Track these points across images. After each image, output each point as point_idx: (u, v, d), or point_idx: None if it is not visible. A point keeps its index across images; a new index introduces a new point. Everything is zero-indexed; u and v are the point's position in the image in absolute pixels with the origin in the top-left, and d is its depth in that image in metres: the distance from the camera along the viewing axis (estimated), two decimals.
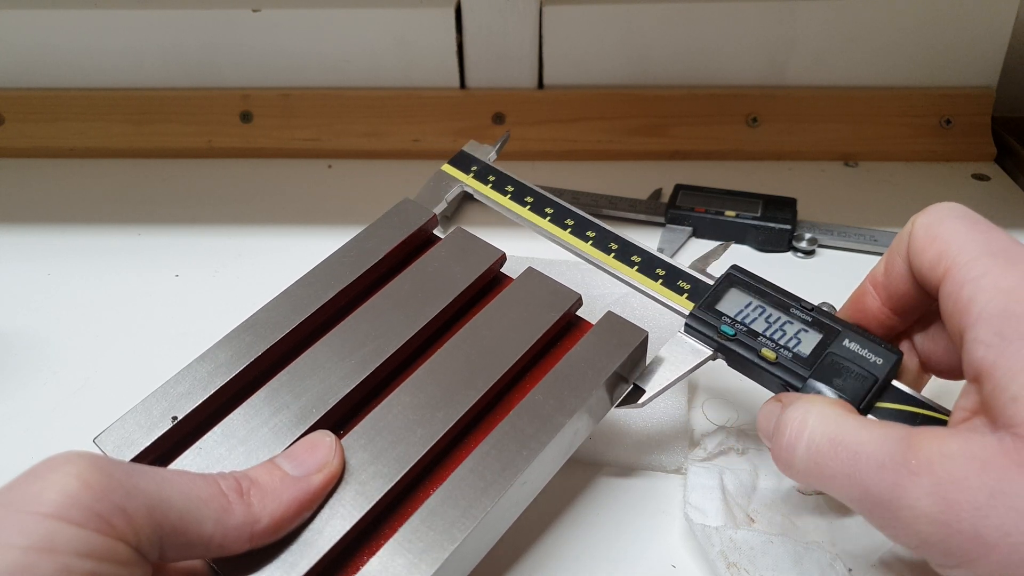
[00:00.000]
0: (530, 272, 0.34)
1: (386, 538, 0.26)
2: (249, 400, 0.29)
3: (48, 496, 0.21)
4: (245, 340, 0.31)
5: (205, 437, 0.28)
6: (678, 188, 0.55)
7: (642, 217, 0.54)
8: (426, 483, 0.28)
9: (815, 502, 0.34)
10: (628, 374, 0.32)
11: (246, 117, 0.63)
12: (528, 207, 0.38)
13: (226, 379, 0.30)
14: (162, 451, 0.29)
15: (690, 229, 0.52)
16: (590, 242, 0.36)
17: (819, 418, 0.26)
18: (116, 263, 0.52)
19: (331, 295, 0.33)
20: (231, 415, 0.29)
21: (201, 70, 0.63)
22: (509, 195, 0.38)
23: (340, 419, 0.30)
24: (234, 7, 0.60)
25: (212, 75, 0.63)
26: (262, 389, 0.30)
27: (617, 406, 0.32)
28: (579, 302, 0.33)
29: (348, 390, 0.30)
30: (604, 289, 0.45)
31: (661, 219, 0.53)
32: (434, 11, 0.60)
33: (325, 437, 0.27)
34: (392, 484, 0.27)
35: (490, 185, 0.38)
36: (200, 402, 0.29)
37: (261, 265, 0.51)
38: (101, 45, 0.62)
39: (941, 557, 0.22)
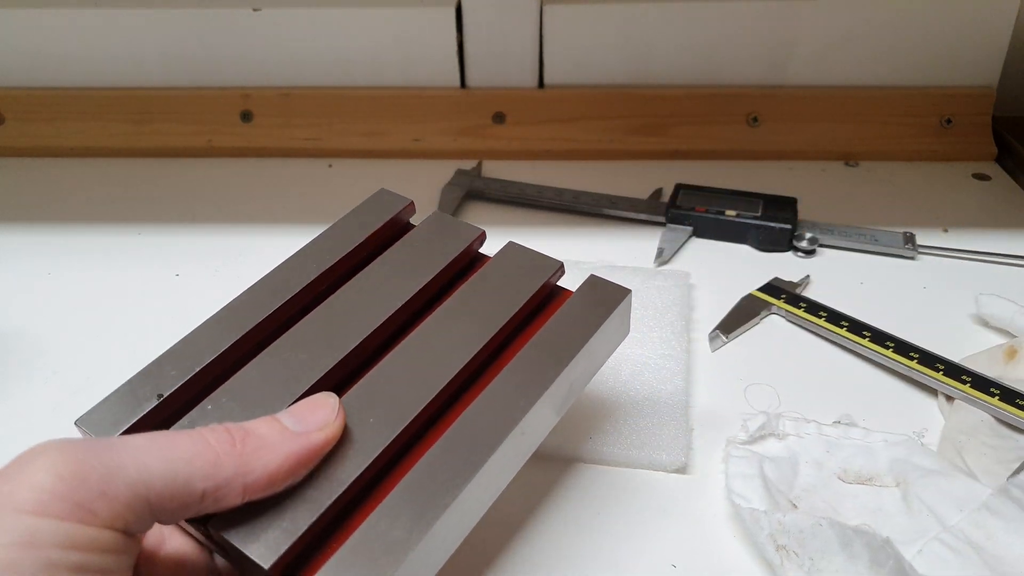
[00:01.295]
0: (511, 245, 0.35)
1: (387, 491, 0.26)
2: (237, 374, 0.29)
3: (23, 495, 0.20)
4: (228, 321, 0.31)
5: (196, 409, 0.28)
6: (678, 188, 0.55)
7: (643, 217, 0.54)
8: (425, 438, 0.28)
9: (855, 489, 0.34)
10: (618, 326, 0.33)
11: (246, 116, 0.63)
12: (845, 328, 0.43)
13: (212, 357, 0.30)
14: (148, 430, 0.28)
15: (690, 229, 0.52)
16: (915, 361, 0.40)
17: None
18: (116, 262, 0.52)
19: (312, 278, 0.33)
20: (220, 388, 0.29)
21: (201, 69, 0.63)
22: (823, 318, 0.44)
23: (334, 387, 0.30)
24: (234, 6, 0.60)
25: (212, 74, 0.63)
26: (249, 364, 0.30)
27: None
28: (561, 270, 0.34)
29: (339, 359, 0.30)
30: None
31: (662, 218, 0.53)
32: (434, 10, 0.60)
33: (328, 398, 0.27)
34: (391, 440, 0.27)
35: (803, 309, 0.45)
36: (187, 379, 0.29)
37: (261, 264, 0.50)
38: (101, 44, 0.62)
39: None
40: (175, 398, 0.28)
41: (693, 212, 0.52)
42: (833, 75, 0.61)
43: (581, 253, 0.49)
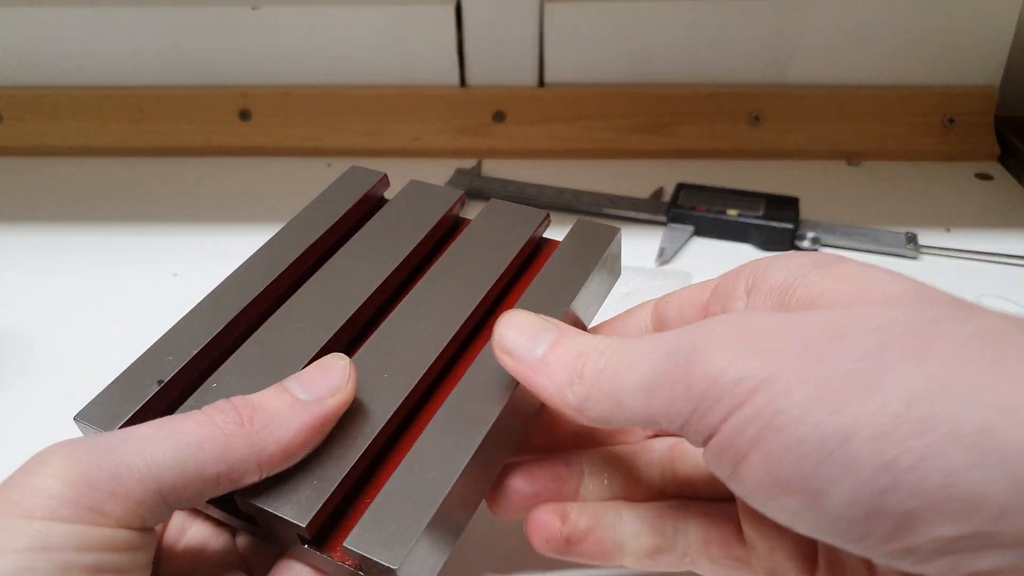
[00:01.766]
0: (493, 203, 0.35)
1: (412, 441, 0.25)
2: (238, 351, 0.29)
3: (32, 502, 0.20)
4: (218, 304, 0.31)
5: (201, 388, 0.28)
6: (680, 187, 0.54)
7: (644, 216, 0.53)
8: (441, 387, 0.28)
9: None
10: (611, 268, 0.33)
11: (245, 115, 0.63)
12: None
13: (208, 339, 0.29)
14: (151, 418, 0.27)
15: (692, 228, 0.52)
16: None
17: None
18: (115, 262, 0.51)
19: (296, 256, 0.33)
20: (222, 366, 0.28)
21: (200, 68, 0.63)
22: None
23: (342, 349, 0.29)
24: (233, 5, 0.60)
25: (211, 73, 0.63)
26: (249, 340, 0.29)
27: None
28: (547, 219, 0.34)
29: (340, 325, 0.29)
30: None
31: (663, 218, 0.53)
32: (434, 8, 0.59)
33: (339, 360, 0.25)
34: (410, 390, 0.26)
35: None
36: (185, 363, 0.28)
37: None
38: (100, 43, 0.62)
39: None
40: (176, 382, 0.28)
41: (694, 211, 0.52)
42: (835, 74, 0.60)
43: None
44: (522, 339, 0.24)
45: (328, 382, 0.24)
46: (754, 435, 0.18)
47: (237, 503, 0.24)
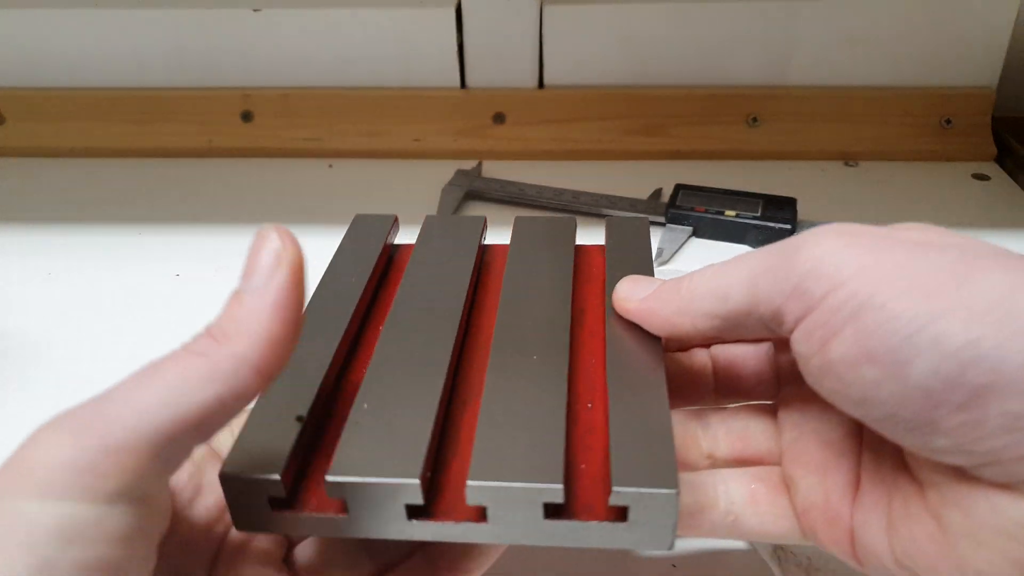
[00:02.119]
0: (520, 221, 0.35)
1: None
2: (370, 369, 0.27)
3: (27, 480, 0.19)
4: (311, 337, 0.29)
5: (353, 411, 0.25)
6: (678, 188, 0.55)
7: (642, 217, 0.54)
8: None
9: None
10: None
11: (247, 117, 0.63)
12: None
13: (323, 371, 0.27)
14: (302, 455, 0.25)
15: (690, 229, 0.52)
16: None
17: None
18: (116, 262, 0.52)
19: (357, 299, 0.31)
20: (363, 387, 0.26)
21: (202, 70, 0.63)
22: None
23: (463, 361, 0.29)
24: (235, 7, 0.60)
25: (213, 75, 0.63)
26: (373, 358, 0.28)
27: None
28: (574, 223, 0.35)
29: (454, 335, 0.28)
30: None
31: (661, 219, 0.53)
32: (434, 11, 0.60)
33: (267, 231, 0.23)
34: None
35: None
36: (316, 394, 0.26)
37: None
38: (102, 44, 0.62)
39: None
40: (315, 415, 0.26)
41: (693, 212, 0.52)
42: (833, 75, 0.61)
43: None
44: (635, 287, 0.28)
45: (265, 259, 0.23)
46: (851, 312, 0.20)
47: (327, 487, 0.23)
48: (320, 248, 0.37)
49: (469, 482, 0.22)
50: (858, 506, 0.25)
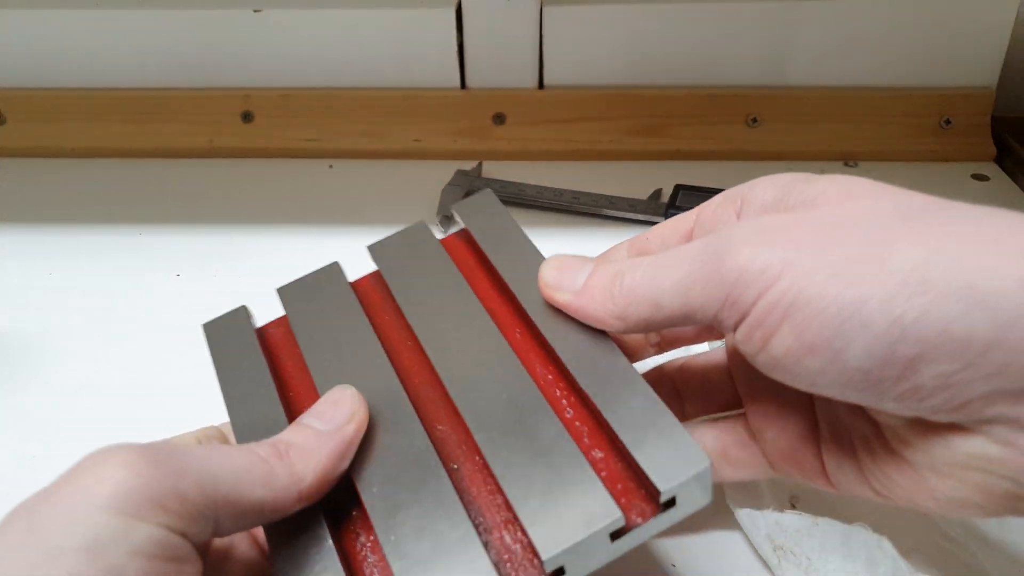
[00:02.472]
0: (376, 248, 0.35)
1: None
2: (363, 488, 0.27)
3: (99, 489, 0.20)
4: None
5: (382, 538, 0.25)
6: (678, 188, 0.55)
7: (641, 217, 0.54)
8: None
9: None
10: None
11: (247, 117, 0.63)
12: None
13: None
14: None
15: None
16: None
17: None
18: (117, 263, 0.52)
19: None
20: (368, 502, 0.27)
21: (202, 70, 0.63)
22: None
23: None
24: (235, 7, 0.60)
25: (213, 75, 0.63)
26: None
27: None
28: (426, 227, 0.35)
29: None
30: None
31: (661, 219, 0.53)
32: (434, 11, 0.60)
33: (346, 390, 0.27)
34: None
35: None
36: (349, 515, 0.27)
37: (261, 265, 0.51)
38: (102, 45, 0.62)
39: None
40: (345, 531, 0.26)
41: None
42: (832, 76, 0.61)
43: (579, 253, 0.49)
44: (564, 275, 0.28)
45: (342, 411, 0.26)
46: (782, 312, 0.22)
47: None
48: (320, 249, 0.37)
49: (544, 557, 0.23)
50: (825, 451, 0.27)
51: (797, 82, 0.61)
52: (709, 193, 0.53)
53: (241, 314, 0.34)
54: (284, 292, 0.34)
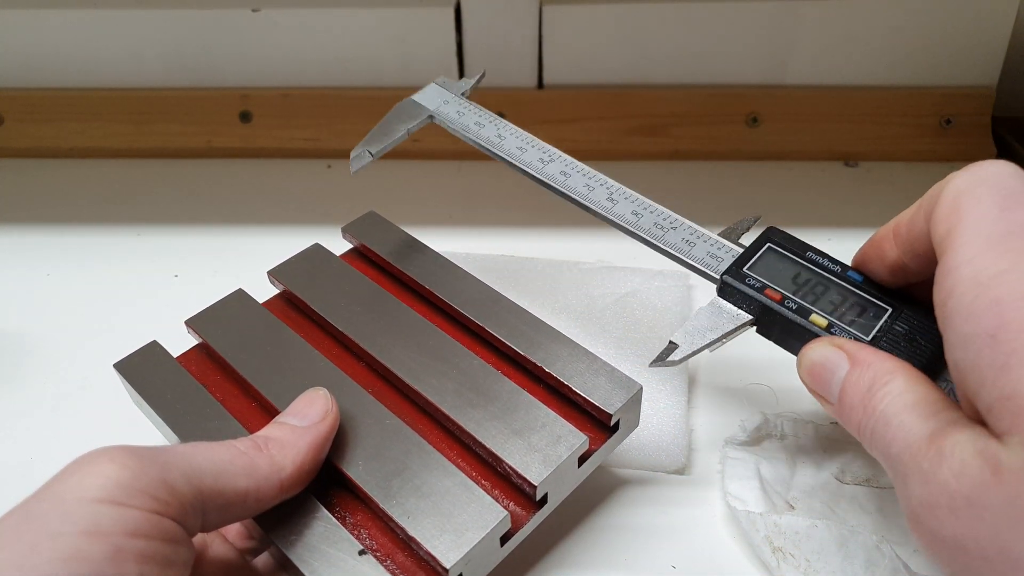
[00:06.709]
0: (275, 272, 0.39)
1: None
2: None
3: (90, 482, 0.21)
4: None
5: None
6: (769, 235, 0.33)
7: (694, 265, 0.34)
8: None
9: (853, 490, 0.34)
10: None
11: (246, 117, 0.63)
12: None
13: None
14: None
15: (747, 318, 0.31)
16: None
17: (906, 384, 0.23)
18: (116, 263, 0.52)
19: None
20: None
21: (201, 70, 0.63)
22: None
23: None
24: (234, 7, 0.60)
25: (212, 75, 0.63)
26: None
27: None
28: (321, 248, 0.40)
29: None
30: (605, 288, 0.45)
31: (715, 277, 0.32)
32: (434, 11, 0.60)
33: (319, 391, 0.30)
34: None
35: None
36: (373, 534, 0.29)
37: (261, 265, 0.51)
38: (101, 45, 0.62)
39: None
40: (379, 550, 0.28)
41: (762, 294, 0.31)
42: (833, 75, 0.61)
43: (580, 253, 0.49)
44: (819, 384, 0.27)
45: (316, 408, 0.29)
46: None
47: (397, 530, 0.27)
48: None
49: (537, 485, 0.28)
50: None
51: (797, 82, 0.61)
52: (810, 263, 0.32)
53: (155, 348, 0.36)
54: (195, 323, 0.36)
